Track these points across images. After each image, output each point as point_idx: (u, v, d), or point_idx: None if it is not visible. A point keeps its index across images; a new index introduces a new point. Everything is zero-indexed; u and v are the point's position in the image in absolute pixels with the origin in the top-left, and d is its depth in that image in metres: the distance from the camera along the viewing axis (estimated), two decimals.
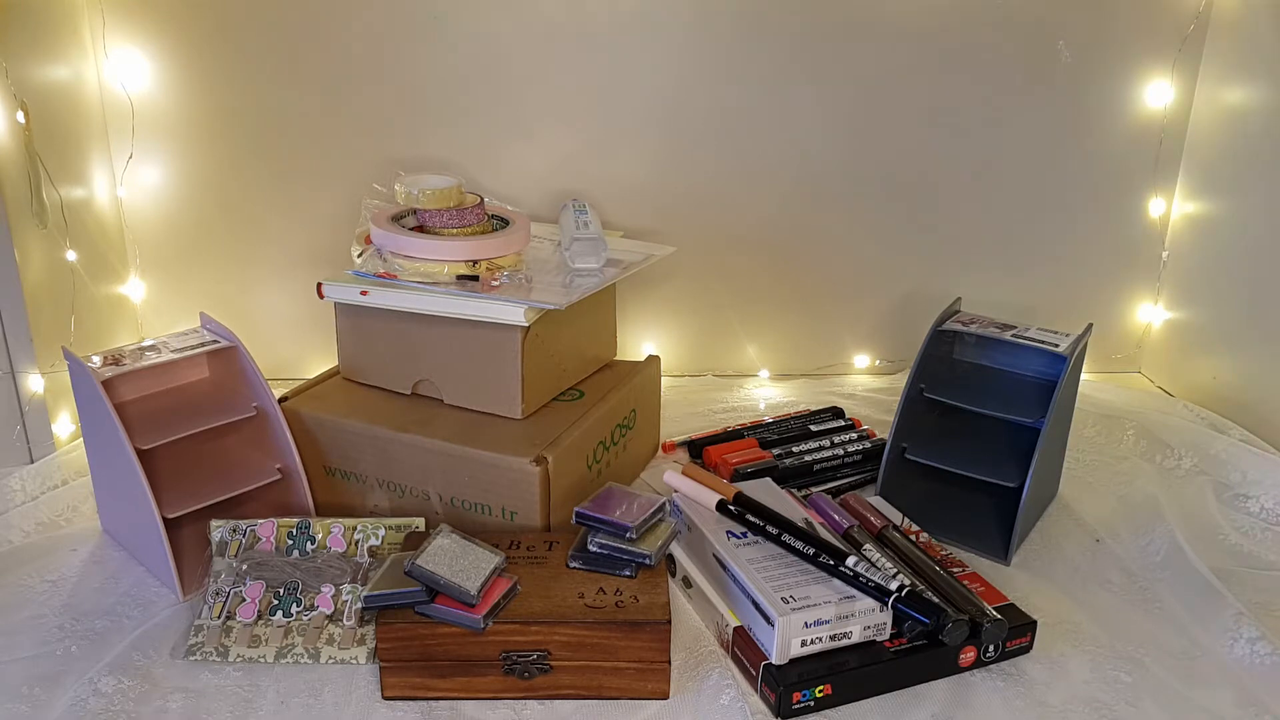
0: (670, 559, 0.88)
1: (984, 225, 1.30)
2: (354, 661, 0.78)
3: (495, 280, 0.92)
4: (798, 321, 1.34)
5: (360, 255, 0.97)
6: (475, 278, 0.92)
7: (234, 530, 0.84)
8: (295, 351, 1.29)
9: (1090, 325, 0.99)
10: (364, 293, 0.93)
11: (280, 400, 0.94)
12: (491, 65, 1.19)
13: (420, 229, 0.96)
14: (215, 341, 0.91)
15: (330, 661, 0.78)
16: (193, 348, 0.90)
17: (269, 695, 0.74)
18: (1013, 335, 0.95)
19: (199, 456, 0.91)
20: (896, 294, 1.33)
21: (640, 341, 1.33)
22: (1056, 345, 0.93)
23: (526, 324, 0.89)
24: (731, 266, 1.30)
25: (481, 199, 0.99)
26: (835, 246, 1.30)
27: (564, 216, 1.07)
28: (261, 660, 0.78)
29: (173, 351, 0.89)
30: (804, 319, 1.33)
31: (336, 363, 1.03)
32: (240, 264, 1.25)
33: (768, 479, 0.95)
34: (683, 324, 1.33)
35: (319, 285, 0.96)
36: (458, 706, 0.74)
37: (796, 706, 0.73)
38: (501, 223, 1.00)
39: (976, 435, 0.97)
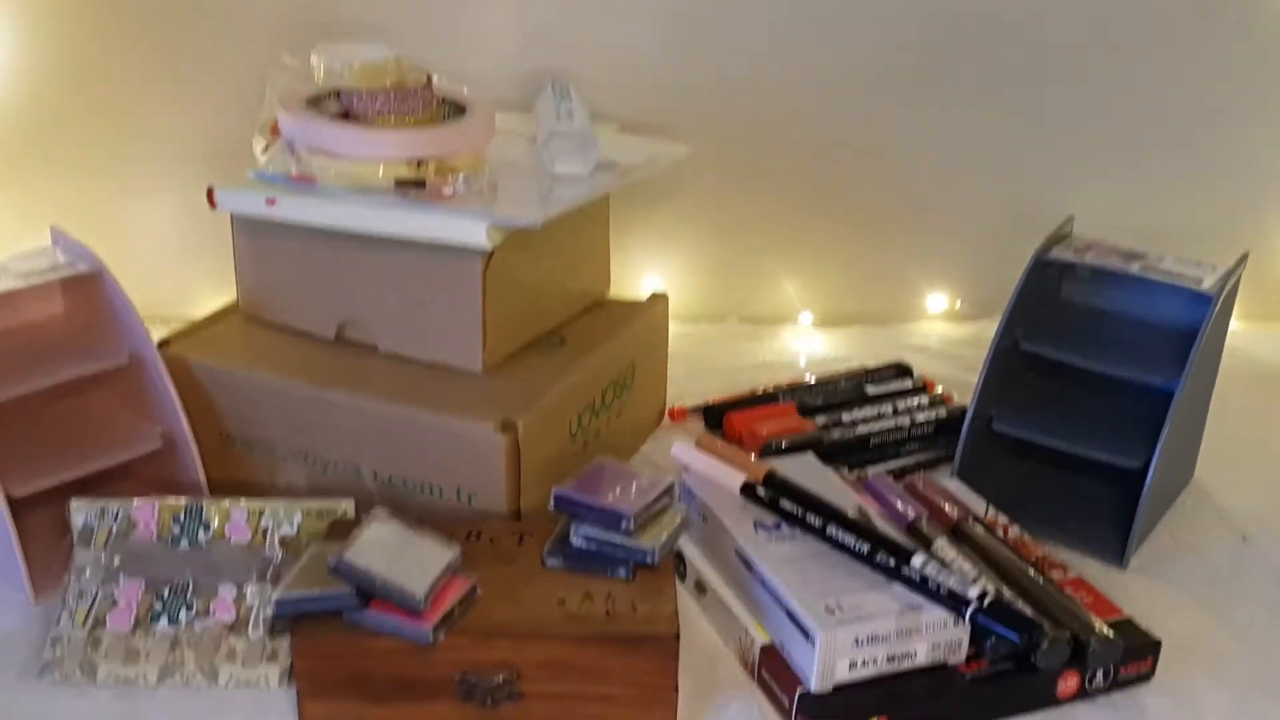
0: (679, 557, 0.89)
1: (1103, 121, 1.29)
2: (263, 684, 0.79)
3: (447, 187, 0.92)
4: (851, 249, 1.33)
5: (265, 151, 0.97)
6: (421, 183, 0.92)
7: (102, 513, 0.84)
8: (180, 281, 1.28)
9: (1245, 255, 0.99)
10: (271, 202, 0.94)
11: (161, 345, 0.94)
12: None
13: (346, 116, 0.96)
14: (72, 265, 0.91)
15: (232, 684, 0.79)
16: (42, 273, 0.89)
17: None
18: (1140, 267, 0.96)
19: (54, 418, 0.91)
20: (984, 213, 1.32)
21: (641, 273, 1.34)
22: (1199, 281, 0.93)
23: (490, 246, 0.89)
24: (764, 174, 1.29)
25: (429, 77, 0.99)
26: (902, 148, 1.29)
27: (541, 103, 1.07)
28: (141, 681, 0.79)
29: (15, 277, 0.89)
30: (860, 246, 1.33)
31: (235, 296, 1.04)
32: (107, 162, 1.25)
33: (809, 455, 0.96)
34: (698, 251, 1.33)
35: (210, 191, 0.96)
36: None
37: None
38: (456, 110, 0.99)
39: (1087, 400, 0.97)
